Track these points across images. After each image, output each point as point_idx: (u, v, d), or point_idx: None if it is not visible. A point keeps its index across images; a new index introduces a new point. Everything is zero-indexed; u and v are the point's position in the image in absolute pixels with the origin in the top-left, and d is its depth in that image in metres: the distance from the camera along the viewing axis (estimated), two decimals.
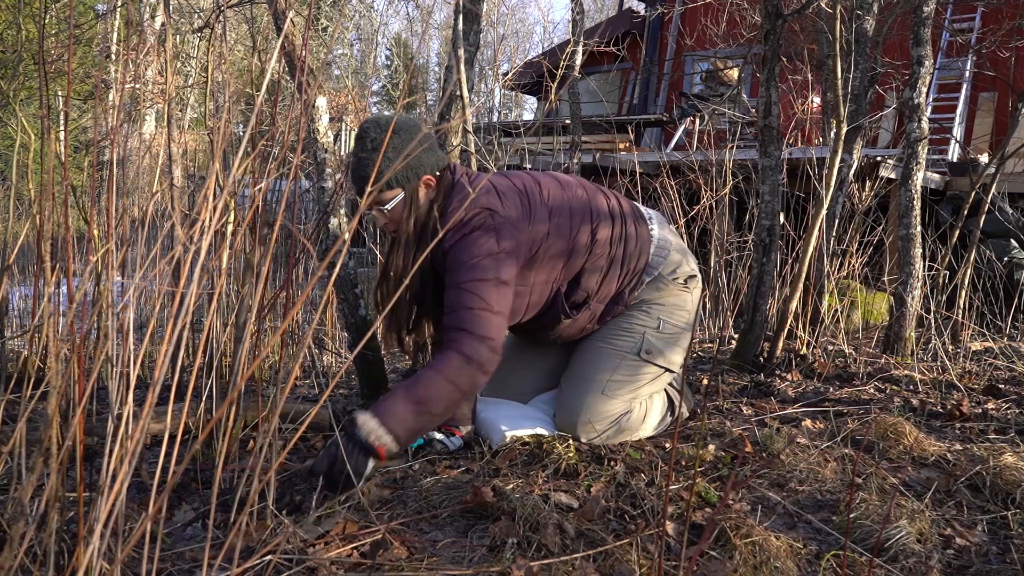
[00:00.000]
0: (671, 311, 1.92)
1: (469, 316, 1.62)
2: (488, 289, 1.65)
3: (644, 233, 1.91)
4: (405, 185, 1.72)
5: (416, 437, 1.61)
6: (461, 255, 1.67)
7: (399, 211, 1.73)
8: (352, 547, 1.34)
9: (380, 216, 1.75)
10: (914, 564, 1.33)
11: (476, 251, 1.66)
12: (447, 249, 1.70)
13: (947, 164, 6.43)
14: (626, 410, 1.86)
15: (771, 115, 2.60)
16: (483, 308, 1.63)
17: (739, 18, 7.32)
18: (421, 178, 1.73)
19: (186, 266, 1.01)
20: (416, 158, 1.71)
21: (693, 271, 1.98)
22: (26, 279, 3.75)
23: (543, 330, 1.93)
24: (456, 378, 1.58)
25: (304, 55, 1.86)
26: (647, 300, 1.92)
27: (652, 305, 1.92)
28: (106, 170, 1.62)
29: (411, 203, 1.73)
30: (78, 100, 7.98)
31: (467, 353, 1.59)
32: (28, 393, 1.19)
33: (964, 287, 3.37)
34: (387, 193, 1.72)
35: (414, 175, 1.72)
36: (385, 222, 1.76)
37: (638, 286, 1.91)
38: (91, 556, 0.89)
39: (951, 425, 2.10)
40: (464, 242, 1.68)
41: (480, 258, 1.66)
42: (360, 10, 15.59)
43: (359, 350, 2.02)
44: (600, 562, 1.30)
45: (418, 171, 1.72)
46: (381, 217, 1.75)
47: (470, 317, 1.62)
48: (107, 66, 6.23)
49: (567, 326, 1.89)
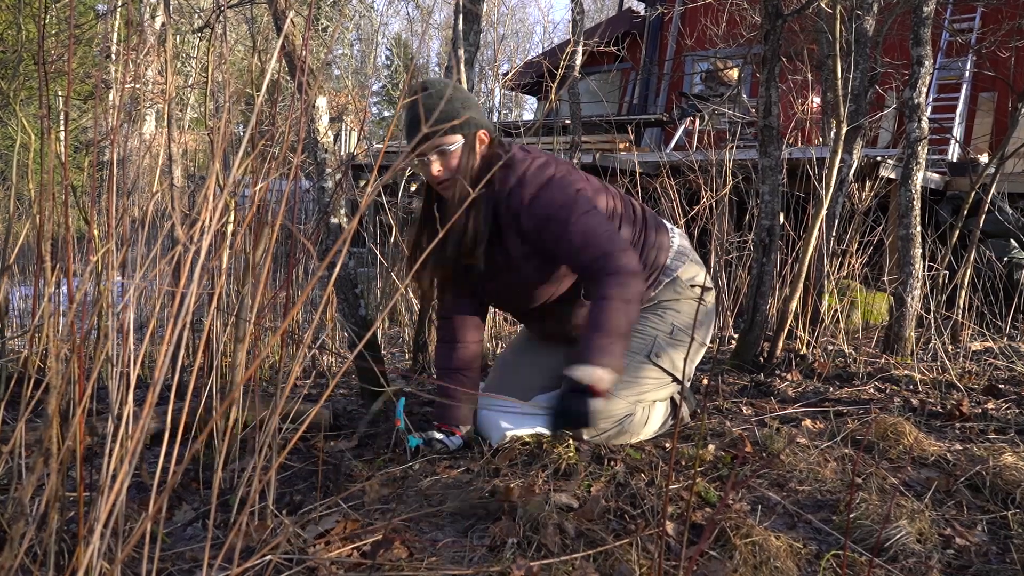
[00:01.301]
0: (684, 319, 1.94)
1: (597, 240, 1.70)
2: (596, 215, 1.74)
3: (664, 237, 1.97)
4: (466, 134, 1.77)
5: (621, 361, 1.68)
6: (553, 202, 1.74)
7: (456, 159, 1.77)
8: (352, 547, 1.34)
9: (436, 162, 1.77)
10: (914, 564, 1.33)
11: (565, 193, 1.74)
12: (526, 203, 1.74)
13: (947, 164, 6.43)
14: (628, 412, 1.86)
15: (771, 115, 2.59)
16: (604, 230, 1.72)
17: (739, 18, 7.32)
18: (479, 131, 1.79)
19: (186, 266, 1.01)
20: (477, 110, 1.80)
21: (710, 285, 2.02)
22: (26, 279, 3.75)
23: (564, 317, 1.95)
24: (623, 294, 1.66)
25: (304, 55, 1.86)
26: (662, 303, 1.94)
27: (667, 310, 1.94)
28: (106, 170, 1.62)
29: (469, 153, 1.78)
30: (78, 100, 7.98)
31: (616, 268, 1.67)
32: (28, 393, 1.19)
33: (964, 287, 3.37)
34: (449, 138, 1.75)
35: (475, 125, 1.78)
36: (438, 171, 1.78)
37: (655, 285, 1.93)
38: (91, 556, 0.89)
39: (951, 425, 2.10)
40: (547, 191, 1.74)
41: (571, 196, 1.74)
42: (360, 10, 15.59)
43: (359, 350, 2.02)
44: (600, 562, 1.30)
45: (478, 123, 1.78)
46: (437, 164, 1.77)
47: (598, 240, 1.70)
48: (107, 66, 6.23)
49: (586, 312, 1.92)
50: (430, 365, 2.79)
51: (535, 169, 1.77)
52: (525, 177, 1.76)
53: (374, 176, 1.66)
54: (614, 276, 1.66)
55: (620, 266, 1.67)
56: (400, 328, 4.22)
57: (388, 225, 4.33)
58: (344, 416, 2.14)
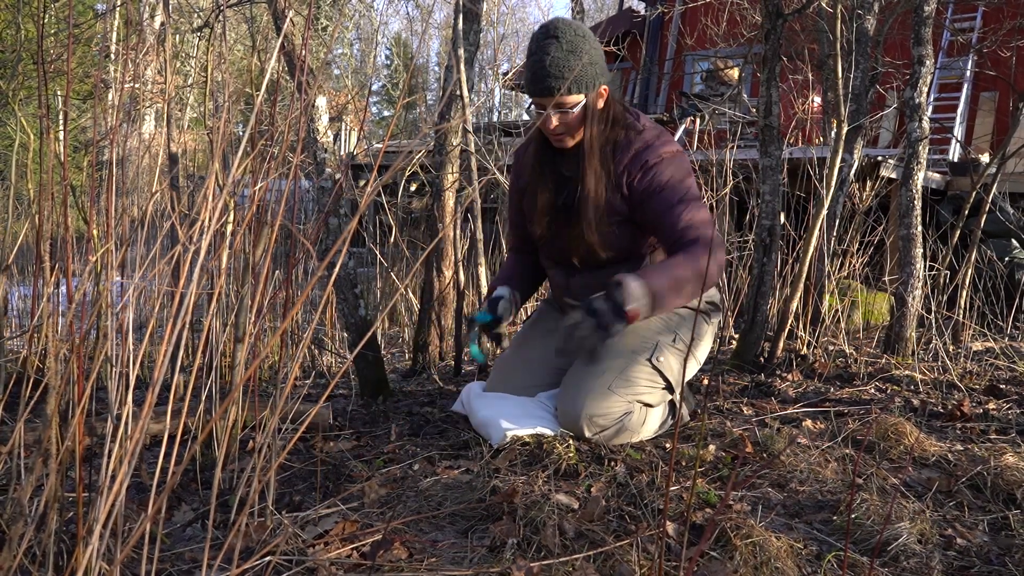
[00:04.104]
0: (687, 332, 1.95)
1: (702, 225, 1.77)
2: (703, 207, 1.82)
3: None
4: (589, 92, 1.79)
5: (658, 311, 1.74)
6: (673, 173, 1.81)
7: (577, 117, 1.80)
8: (352, 547, 1.34)
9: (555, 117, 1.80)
10: (915, 565, 1.33)
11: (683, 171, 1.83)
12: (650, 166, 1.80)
13: (948, 164, 6.43)
14: (627, 410, 1.86)
15: (771, 115, 2.59)
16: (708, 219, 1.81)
17: (739, 18, 7.32)
18: (599, 87, 1.82)
19: (186, 266, 1.01)
20: (600, 67, 1.81)
21: (717, 307, 2.09)
22: (25, 279, 3.74)
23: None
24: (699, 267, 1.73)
25: (304, 55, 1.86)
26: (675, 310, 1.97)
27: (675, 318, 1.96)
28: (105, 170, 1.62)
29: (590, 110, 1.81)
30: (77, 100, 7.98)
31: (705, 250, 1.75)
32: (27, 393, 1.19)
33: (965, 287, 3.36)
34: (571, 98, 1.77)
35: (597, 82, 1.80)
36: (556, 125, 1.81)
37: None
38: (90, 557, 0.89)
39: (952, 425, 2.09)
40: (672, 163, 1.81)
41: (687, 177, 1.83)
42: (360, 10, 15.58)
43: (359, 350, 2.02)
44: (600, 563, 1.29)
45: (601, 79, 1.81)
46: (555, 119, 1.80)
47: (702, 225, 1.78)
48: (106, 66, 6.23)
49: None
50: (430, 365, 2.78)
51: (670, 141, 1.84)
52: (660, 141, 1.82)
53: (374, 176, 1.66)
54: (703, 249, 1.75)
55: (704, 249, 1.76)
56: (400, 328, 4.22)
57: (388, 225, 4.33)
58: (344, 416, 2.14)
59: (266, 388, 2.49)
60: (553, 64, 1.73)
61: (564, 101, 1.76)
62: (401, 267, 4.70)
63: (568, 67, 1.73)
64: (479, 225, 2.50)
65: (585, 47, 1.75)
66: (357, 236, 6.05)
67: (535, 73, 1.76)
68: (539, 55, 1.74)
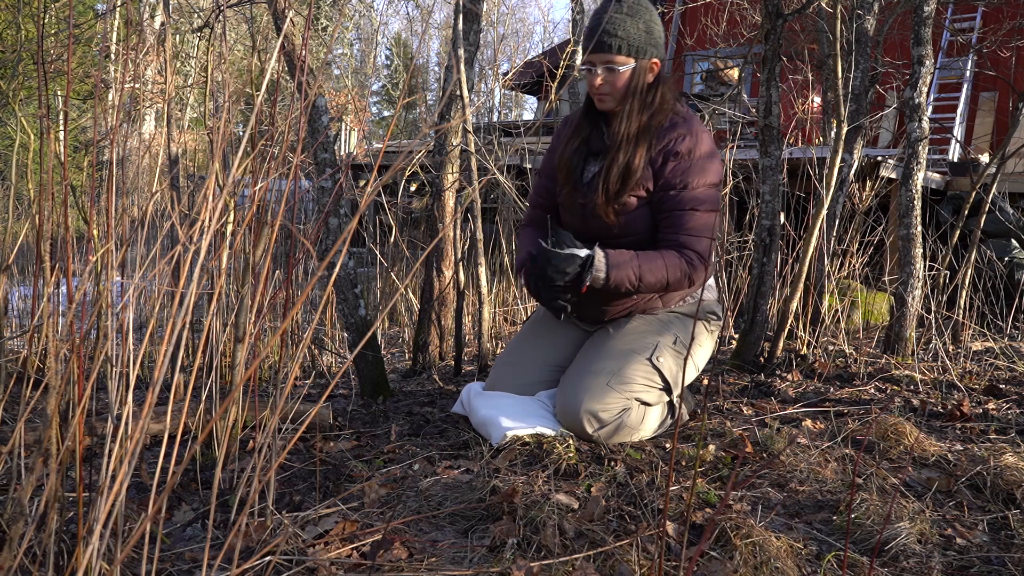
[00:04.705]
0: (688, 335, 1.96)
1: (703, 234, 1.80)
2: (714, 217, 1.83)
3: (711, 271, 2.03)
4: (639, 59, 1.79)
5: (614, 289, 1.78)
6: (698, 176, 1.80)
7: (623, 80, 1.80)
8: (352, 547, 1.34)
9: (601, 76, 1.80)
10: (915, 565, 1.33)
11: (709, 176, 1.82)
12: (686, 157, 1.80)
13: (948, 164, 6.43)
14: (625, 407, 1.86)
15: (771, 115, 2.59)
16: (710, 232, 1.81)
17: (739, 18, 7.32)
18: (651, 59, 1.82)
19: (186, 266, 1.01)
20: (656, 40, 1.82)
21: (719, 316, 2.09)
22: (25, 279, 3.75)
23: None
24: (671, 274, 1.77)
25: (304, 55, 1.86)
26: (675, 315, 1.99)
27: (675, 321, 1.97)
28: (105, 170, 1.62)
29: (638, 78, 1.81)
30: (77, 100, 7.98)
31: (689, 260, 1.79)
32: (27, 393, 1.19)
33: (965, 287, 3.36)
34: (621, 58, 1.77)
35: (649, 53, 1.80)
36: (600, 83, 1.81)
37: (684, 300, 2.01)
38: (91, 556, 0.89)
39: (952, 425, 2.09)
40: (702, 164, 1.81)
41: (714, 183, 1.83)
42: (360, 10, 15.59)
43: (359, 350, 2.02)
44: (600, 563, 1.29)
45: (654, 51, 1.81)
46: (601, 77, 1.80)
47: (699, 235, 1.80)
48: (106, 66, 6.23)
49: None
50: (430, 365, 2.79)
51: (708, 140, 1.83)
52: (700, 137, 1.82)
53: (374, 176, 1.66)
54: (683, 260, 1.77)
55: (690, 261, 1.78)
56: (400, 328, 4.22)
57: (388, 225, 4.33)
58: (344, 416, 2.14)
59: (266, 388, 2.49)
60: (610, 22, 1.75)
61: (613, 60, 1.77)
62: (401, 267, 4.70)
63: (623, 28, 1.75)
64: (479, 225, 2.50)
65: (645, 15, 1.78)
66: (357, 236, 6.05)
67: (591, 28, 1.78)
68: (600, 12, 1.78)
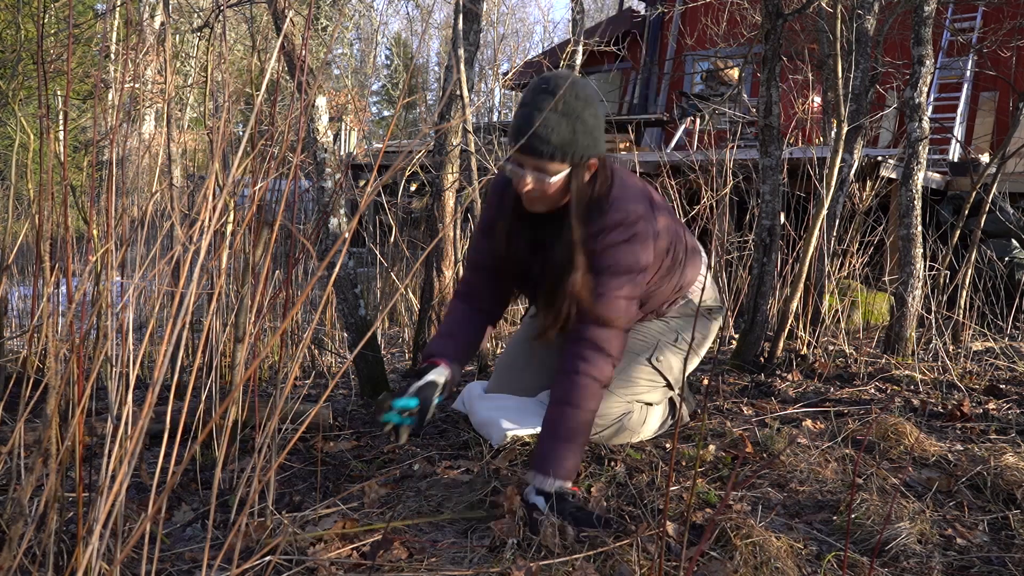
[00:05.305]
0: (690, 330, 1.94)
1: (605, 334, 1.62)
2: (630, 308, 1.66)
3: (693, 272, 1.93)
4: (575, 163, 1.58)
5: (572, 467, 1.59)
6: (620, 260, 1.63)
7: (556, 187, 1.61)
8: (352, 547, 1.34)
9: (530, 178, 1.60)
10: (915, 565, 1.33)
11: (633, 263, 1.64)
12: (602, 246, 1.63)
13: (948, 164, 6.43)
14: (626, 410, 1.86)
15: (772, 115, 2.59)
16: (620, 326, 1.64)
17: (739, 18, 7.32)
18: (589, 161, 1.62)
19: (185, 266, 1.01)
20: (594, 138, 1.59)
21: (720, 306, 2.05)
22: (25, 279, 3.75)
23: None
24: (590, 405, 1.60)
25: (304, 55, 1.86)
26: (673, 315, 1.97)
27: (675, 320, 1.96)
28: (105, 170, 1.62)
29: (572, 182, 1.61)
30: (77, 100, 7.98)
31: (595, 375, 1.60)
32: (27, 393, 1.19)
33: (965, 287, 3.36)
34: (554, 165, 1.56)
35: (586, 156, 1.59)
36: (529, 187, 1.61)
37: (673, 305, 1.96)
38: (90, 556, 0.89)
39: (952, 425, 2.09)
40: (626, 248, 1.63)
41: (634, 273, 1.64)
42: (360, 10, 15.59)
43: (359, 350, 2.02)
44: (600, 563, 1.29)
45: (591, 152, 1.60)
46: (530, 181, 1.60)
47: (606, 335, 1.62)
48: (106, 66, 6.23)
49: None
50: None
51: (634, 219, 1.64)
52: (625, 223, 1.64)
53: (374, 176, 1.65)
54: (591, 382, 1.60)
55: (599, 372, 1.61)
56: (400, 328, 4.22)
57: (388, 225, 4.33)
58: (344, 416, 2.14)
59: (266, 388, 2.49)
60: (543, 124, 1.52)
61: (545, 166, 1.55)
62: (401, 267, 4.70)
63: (558, 132, 1.53)
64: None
65: (584, 114, 1.56)
66: (357, 236, 6.04)
67: (519, 125, 1.56)
68: (530, 108, 1.54)
